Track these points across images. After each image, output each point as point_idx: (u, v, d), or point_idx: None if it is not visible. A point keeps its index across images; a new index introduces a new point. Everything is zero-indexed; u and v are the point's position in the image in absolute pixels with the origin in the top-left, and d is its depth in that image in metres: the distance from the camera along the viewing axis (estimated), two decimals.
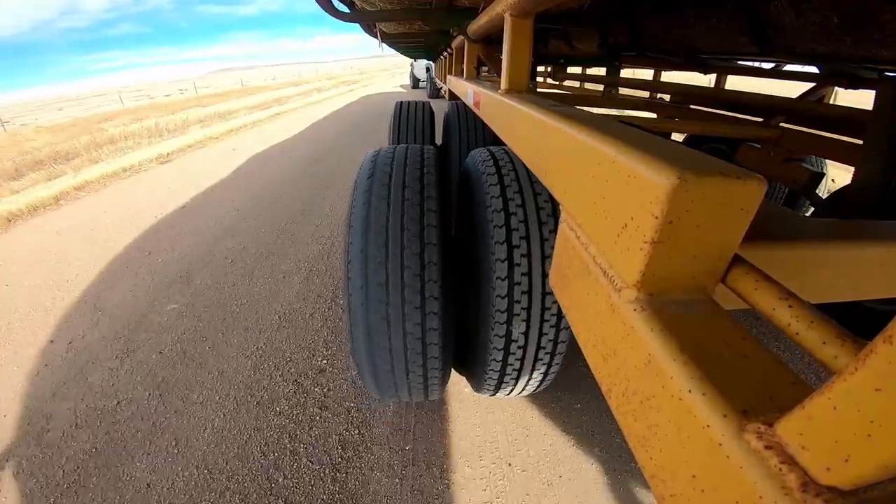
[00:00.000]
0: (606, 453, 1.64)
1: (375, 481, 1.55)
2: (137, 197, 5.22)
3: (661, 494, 0.39)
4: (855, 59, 1.12)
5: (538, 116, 0.82)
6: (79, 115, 19.07)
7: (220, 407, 1.90)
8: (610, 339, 0.51)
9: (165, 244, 3.66)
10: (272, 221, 4.05)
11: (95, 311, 2.70)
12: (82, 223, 4.38)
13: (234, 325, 2.47)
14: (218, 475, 1.59)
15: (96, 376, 2.13)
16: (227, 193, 5.04)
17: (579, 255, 0.62)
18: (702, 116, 2.55)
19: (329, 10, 2.14)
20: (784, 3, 1.13)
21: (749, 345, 0.39)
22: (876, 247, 0.60)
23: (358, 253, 1.09)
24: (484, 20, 1.56)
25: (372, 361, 1.16)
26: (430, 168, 1.25)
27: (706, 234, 0.43)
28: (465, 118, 2.98)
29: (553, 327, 1.18)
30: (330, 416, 1.83)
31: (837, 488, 0.24)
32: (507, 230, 1.12)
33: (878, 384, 0.22)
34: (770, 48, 1.31)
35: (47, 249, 3.74)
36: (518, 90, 1.25)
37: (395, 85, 22.68)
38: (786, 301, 0.39)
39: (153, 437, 1.77)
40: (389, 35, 4.28)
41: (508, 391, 1.40)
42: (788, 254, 0.58)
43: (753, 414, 0.31)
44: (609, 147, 0.52)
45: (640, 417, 0.43)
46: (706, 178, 0.40)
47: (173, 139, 9.01)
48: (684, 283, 0.46)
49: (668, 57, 2.28)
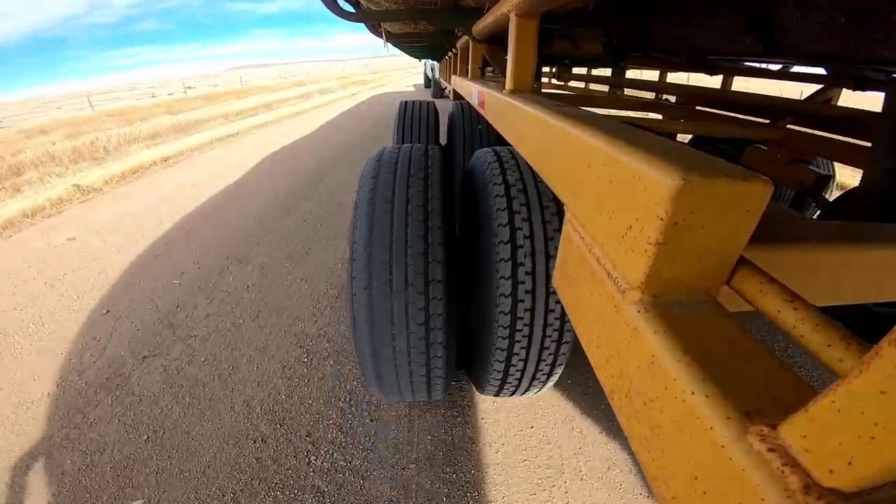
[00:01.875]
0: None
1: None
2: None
3: (663, 496, 0.39)
4: (861, 59, 1.12)
5: (543, 117, 0.82)
6: (24, 124, 15.29)
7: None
8: (613, 340, 0.51)
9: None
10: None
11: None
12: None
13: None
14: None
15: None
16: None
17: (583, 256, 0.62)
18: (707, 117, 2.53)
19: (334, 9, 2.14)
20: (790, 4, 1.12)
21: (753, 347, 0.39)
22: (882, 250, 0.60)
23: (362, 251, 1.09)
24: (489, 20, 1.56)
25: (375, 360, 1.16)
26: (435, 168, 1.25)
27: (711, 236, 0.43)
28: (470, 118, 2.98)
29: (556, 329, 1.18)
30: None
31: (840, 491, 0.24)
32: (511, 230, 1.12)
33: (882, 387, 0.22)
34: (775, 49, 1.30)
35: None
36: (523, 90, 1.25)
37: (407, 85, 21.98)
38: (791, 303, 0.39)
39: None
40: (394, 35, 4.28)
41: (511, 392, 1.40)
42: (794, 256, 0.58)
43: (756, 416, 0.31)
44: (614, 148, 0.52)
45: (643, 419, 0.43)
46: (711, 180, 0.40)
47: (83, 172, 6.37)
48: (689, 285, 0.46)
49: (674, 57, 2.27)
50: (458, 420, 1.78)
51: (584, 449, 1.66)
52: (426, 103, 3.68)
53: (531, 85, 1.26)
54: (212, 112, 13.16)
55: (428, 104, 3.67)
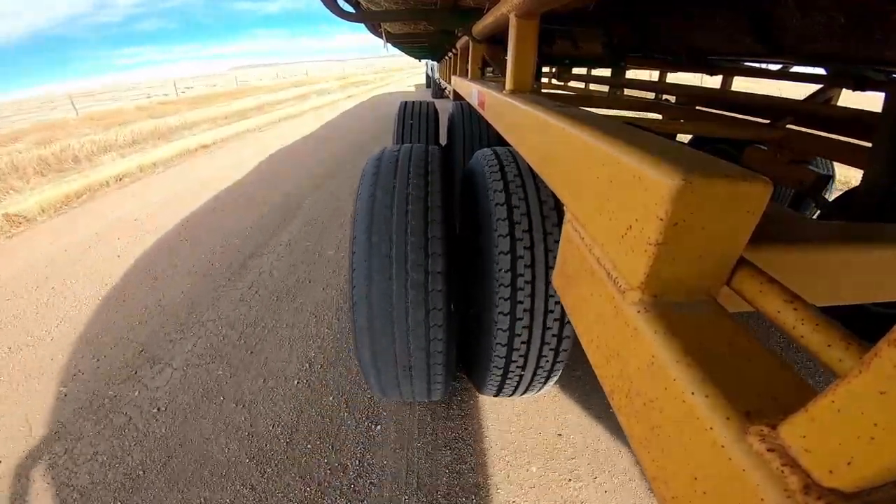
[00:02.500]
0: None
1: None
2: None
3: (663, 496, 0.39)
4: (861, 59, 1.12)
5: (543, 117, 0.82)
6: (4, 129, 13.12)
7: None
8: (613, 340, 0.51)
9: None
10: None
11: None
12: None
13: None
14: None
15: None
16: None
17: (583, 257, 0.62)
18: (707, 117, 2.53)
19: (334, 9, 2.14)
20: (790, 4, 1.12)
21: (753, 347, 0.39)
22: (882, 250, 0.60)
23: (362, 247, 1.10)
24: (489, 20, 1.56)
25: (374, 356, 1.16)
26: (435, 167, 1.25)
27: (711, 236, 0.43)
28: (470, 118, 2.97)
29: (555, 330, 1.18)
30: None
31: (840, 491, 0.24)
32: (510, 228, 1.12)
33: (882, 387, 0.22)
34: (775, 49, 1.30)
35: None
36: (523, 91, 1.25)
37: (409, 84, 21.62)
38: (791, 304, 0.39)
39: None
40: (394, 35, 4.28)
41: (511, 392, 1.40)
42: (794, 256, 0.58)
43: (756, 416, 0.31)
44: (614, 148, 0.52)
45: (643, 419, 0.43)
46: (712, 180, 0.40)
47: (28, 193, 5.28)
48: (689, 285, 0.46)
49: (674, 58, 2.27)
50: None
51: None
52: (426, 103, 3.68)
53: (531, 85, 1.26)
54: (199, 116, 12.00)
55: (428, 104, 3.67)
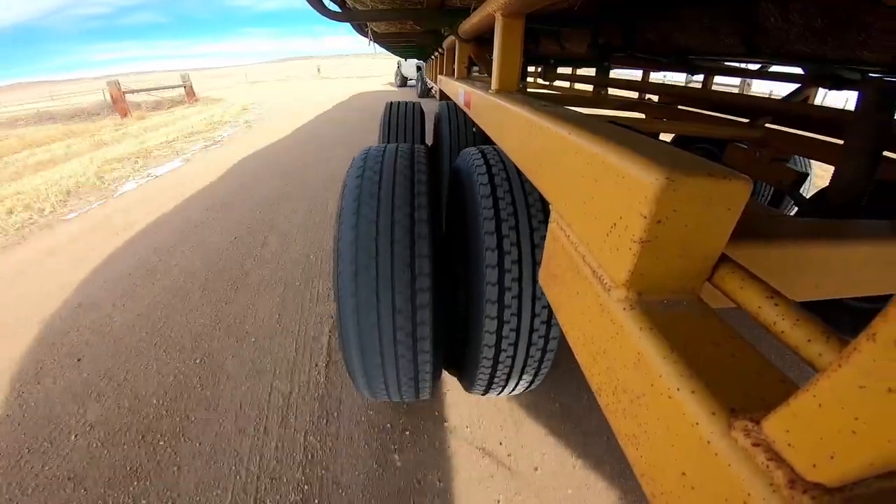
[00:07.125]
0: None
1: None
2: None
3: (652, 492, 0.39)
4: (839, 60, 1.15)
5: (528, 116, 0.82)
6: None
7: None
8: (599, 337, 0.51)
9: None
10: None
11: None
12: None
13: None
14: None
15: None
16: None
17: (569, 255, 0.62)
18: (690, 117, 2.58)
19: (319, 9, 2.12)
20: (771, 7, 1.15)
21: (737, 343, 0.40)
22: (857, 245, 0.61)
23: (347, 246, 1.08)
24: (475, 20, 1.56)
25: (361, 355, 1.15)
26: (421, 165, 1.25)
27: (694, 234, 0.43)
28: (456, 118, 2.97)
29: (542, 330, 1.18)
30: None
31: (824, 485, 0.24)
32: (496, 225, 1.12)
33: (861, 381, 0.22)
34: (757, 49, 1.33)
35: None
36: (508, 90, 1.25)
37: (383, 83, 21.49)
38: (771, 299, 0.39)
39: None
40: (381, 35, 4.25)
41: (499, 390, 1.40)
42: (773, 253, 0.59)
43: (741, 412, 0.31)
44: (598, 147, 0.52)
45: (630, 416, 0.43)
46: (694, 178, 0.40)
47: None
48: (672, 282, 0.47)
49: (658, 58, 2.30)
50: None
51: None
52: (412, 104, 3.67)
53: (517, 84, 1.26)
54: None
55: (413, 105, 3.65)
